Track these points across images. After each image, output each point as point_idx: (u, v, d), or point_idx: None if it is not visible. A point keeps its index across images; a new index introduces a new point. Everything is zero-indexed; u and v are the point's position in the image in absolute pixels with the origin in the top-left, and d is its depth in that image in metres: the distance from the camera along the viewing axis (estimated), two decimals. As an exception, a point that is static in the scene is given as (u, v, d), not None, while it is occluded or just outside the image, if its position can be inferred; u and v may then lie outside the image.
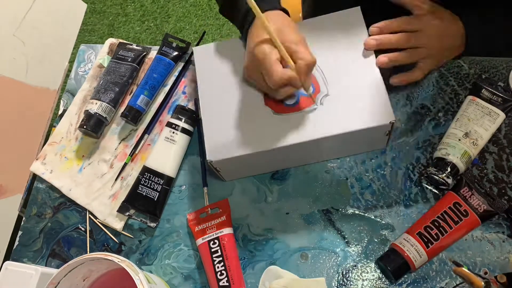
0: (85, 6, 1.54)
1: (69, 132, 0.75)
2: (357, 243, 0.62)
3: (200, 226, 0.64)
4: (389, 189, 0.64)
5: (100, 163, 0.72)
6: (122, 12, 1.84)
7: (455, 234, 0.58)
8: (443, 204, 0.60)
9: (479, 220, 0.58)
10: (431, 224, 0.58)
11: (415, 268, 0.57)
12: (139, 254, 0.67)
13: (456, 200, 0.59)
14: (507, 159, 0.63)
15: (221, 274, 0.60)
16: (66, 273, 0.54)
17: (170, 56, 0.75)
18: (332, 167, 0.66)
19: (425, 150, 0.65)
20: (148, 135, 0.72)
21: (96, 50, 0.82)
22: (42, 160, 0.73)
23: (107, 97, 0.72)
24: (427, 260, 0.57)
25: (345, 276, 0.61)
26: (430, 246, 0.57)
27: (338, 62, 0.60)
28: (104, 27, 1.82)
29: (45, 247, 0.69)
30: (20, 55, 1.25)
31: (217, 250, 0.62)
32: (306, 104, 0.59)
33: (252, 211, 0.66)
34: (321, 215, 0.64)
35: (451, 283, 0.58)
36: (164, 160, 0.67)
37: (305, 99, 0.59)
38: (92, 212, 0.69)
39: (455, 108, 0.66)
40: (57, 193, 0.72)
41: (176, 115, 0.69)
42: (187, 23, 1.78)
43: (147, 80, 0.73)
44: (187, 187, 0.69)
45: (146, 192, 0.66)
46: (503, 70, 0.67)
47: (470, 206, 0.58)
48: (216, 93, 0.62)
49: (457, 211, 0.58)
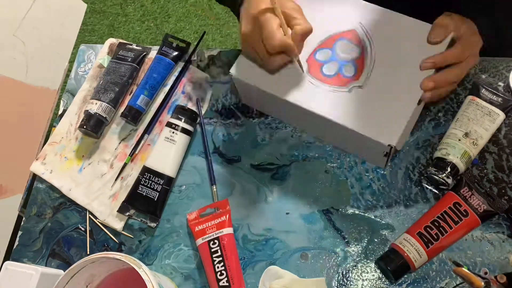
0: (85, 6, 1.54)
1: (69, 132, 0.75)
2: (357, 243, 0.62)
3: (200, 226, 0.64)
4: (389, 189, 0.64)
5: (100, 163, 0.72)
6: (122, 12, 1.84)
7: (455, 234, 0.58)
8: (443, 204, 0.59)
9: (479, 220, 0.58)
10: (431, 224, 0.58)
11: (415, 268, 0.57)
12: (139, 254, 0.67)
13: (456, 200, 0.59)
14: (507, 159, 0.63)
15: (221, 274, 0.60)
16: (68, 279, 0.53)
17: (170, 56, 0.75)
18: (332, 167, 0.66)
19: (425, 150, 0.65)
20: (148, 135, 0.72)
21: (96, 50, 0.82)
22: (42, 160, 0.73)
23: (107, 97, 0.72)
24: (427, 260, 0.57)
25: (345, 276, 0.61)
26: (430, 246, 0.57)
27: (394, 66, 0.59)
28: (104, 27, 1.82)
29: (45, 247, 0.69)
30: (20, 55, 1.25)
31: (217, 250, 0.62)
32: (338, 83, 0.59)
33: (252, 211, 0.66)
34: (321, 215, 0.64)
35: (451, 283, 0.58)
36: (164, 160, 0.67)
37: (341, 78, 0.59)
38: (92, 212, 0.69)
39: (455, 108, 0.66)
40: (57, 193, 0.72)
41: (176, 115, 0.69)
42: (187, 23, 1.78)
43: (147, 80, 0.73)
44: (187, 187, 0.69)
45: (146, 192, 0.66)
46: (503, 70, 0.67)
47: (470, 206, 0.58)
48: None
49: (457, 211, 0.58)
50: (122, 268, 0.59)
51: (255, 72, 0.62)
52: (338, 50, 0.61)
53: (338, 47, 0.61)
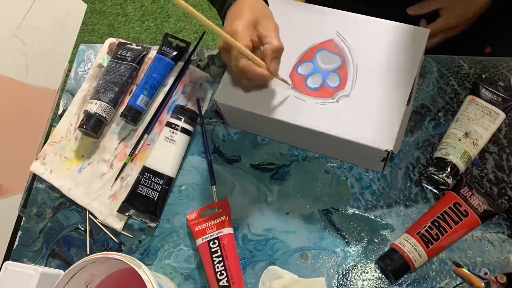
0: (85, 6, 1.54)
1: (69, 132, 0.75)
2: (357, 243, 0.62)
3: (200, 226, 0.64)
4: (389, 189, 0.64)
5: (100, 163, 0.72)
6: (122, 12, 1.84)
7: (455, 234, 0.58)
8: (443, 204, 0.59)
9: (479, 220, 0.58)
10: (431, 224, 0.58)
11: (415, 268, 0.57)
12: (139, 254, 0.66)
13: (456, 200, 0.59)
14: (507, 159, 0.63)
15: (221, 274, 0.60)
16: (68, 279, 0.53)
17: (170, 56, 0.75)
18: (332, 167, 0.66)
19: (425, 150, 0.65)
20: (148, 135, 0.72)
21: (96, 50, 0.82)
22: (42, 160, 0.73)
23: (107, 97, 0.72)
24: (427, 260, 0.57)
25: (345, 276, 0.61)
26: (430, 246, 0.57)
27: (377, 70, 0.59)
28: (104, 27, 1.82)
29: (45, 247, 0.69)
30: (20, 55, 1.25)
31: (217, 250, 0.61)
32: (325, 94, 0.59)
33: (252, 211, 0.66)
34: (321, 215, 0.64)
35: (451, 283, 0.58)
36: (164, 160, 0.67)
37: (327, 90, 0.59)
38: (92, 212, 0.69)
39: (455, 108, 0.66)
40: (57, 193, 0.72)
41: (176, 115, 0.69)
42: (187, 23, 1.78)
43: (146, 80, 0.73)
44: (187, 187, 0.69)
45: (146, 192, 0.66)
46: (504, 70, 0.67)
47: (470, 206, 0.58)
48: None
49: (457, 211, 0.58)
50: (122, 268, 0.59)
51: (239, 95, 0.61)
52: (319, 61, 0.61)
53: (319, 59, 0.61)
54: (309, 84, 0.60)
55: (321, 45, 0.61)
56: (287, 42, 0.56)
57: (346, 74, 0.59)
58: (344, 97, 0.58)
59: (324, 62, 0.61)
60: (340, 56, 0.60)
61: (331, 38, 0.61)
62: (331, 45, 0.61)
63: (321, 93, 0.59)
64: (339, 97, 0.59)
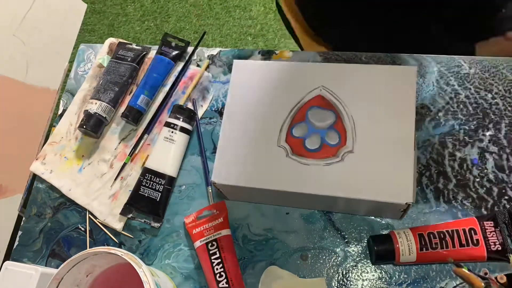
0: (85, 6, 1.54)
1: (69, 132, 0.75)
2: (357, 243, 0.62)
3: (197, 228, 0.64)
4: (389, 189, 0.64)
5: (100, 163, 0.72)
6: (122, 12, 1.84)
7: (454, 253, 0.56)
8: (460, 223, 0.58)
9: (486, 256, 0.56)
10: (436, 233, 0.57)
11: (399, 262, 0.57)
12: (139, 254, 0.67)
13: (472, 226, 0.57)
14: (507, 159, 0.63)
15: (220, 275, 0.60)
16: (70, 268, 0.54)
17: (170, 55, 0.75)
18: (332, 167, 0.66)
19: (425, 150, 0.65)
20: (148, 135, 0.72)
21: (96, 50, 0.82)
22: (42, 160, 0.73)
23: (107, 97, 0.72)
24: (414, 262, 0.57)
25: (345, 276, 0.61)
26: (424, 250, 0.56)
27: (375, 120, 0.55)
28: (104, 27, 1.83)
29: (45, 247, 0.69)
30: (20, 55, 1.25)
31: (215, 252, 0.61)
32: (327, 154, 0.55)
33: (252, 211, 0.66)
34: (321, 215, 0.64)
35: (451, 283, 0.58)
36: (164, 160, 0.67)
37: (328, 149, 0.55)
38: (92, 212, 0.69)
39: (455, 108, 0.66)
40: (57, 193, 0.72)
41: (174, 115, 0.69)
42: (187, 23, 1.78)
43: (146, 80, 0.73)
44: (187, 187, 0.69)
45: (148, 193, 0.66)
46: (504, 70, 0.67)
47: (485, 239, 0.56)
48: (241, 113, 0.60)
49: (469, 236, 0.56)
50: (123, 262, 0.59)
51: (236, 172, 0.57)
52: (312, 120, 0.57)
53: (311, 117, 0.57)
54: (308, 146, 0.56)
55: (310, 103, 0.58)
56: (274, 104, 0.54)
57: (344, 128, 0.56)
58: (348, 153, 0.55)
59: (317, 120, 0.57)
60: (333, 110, 0.57)
61: (318, 93, 0.58)
62: (320, 101, 0.58)
63: (324, 153, 0.55)
64: (342, 154, 0.55)
